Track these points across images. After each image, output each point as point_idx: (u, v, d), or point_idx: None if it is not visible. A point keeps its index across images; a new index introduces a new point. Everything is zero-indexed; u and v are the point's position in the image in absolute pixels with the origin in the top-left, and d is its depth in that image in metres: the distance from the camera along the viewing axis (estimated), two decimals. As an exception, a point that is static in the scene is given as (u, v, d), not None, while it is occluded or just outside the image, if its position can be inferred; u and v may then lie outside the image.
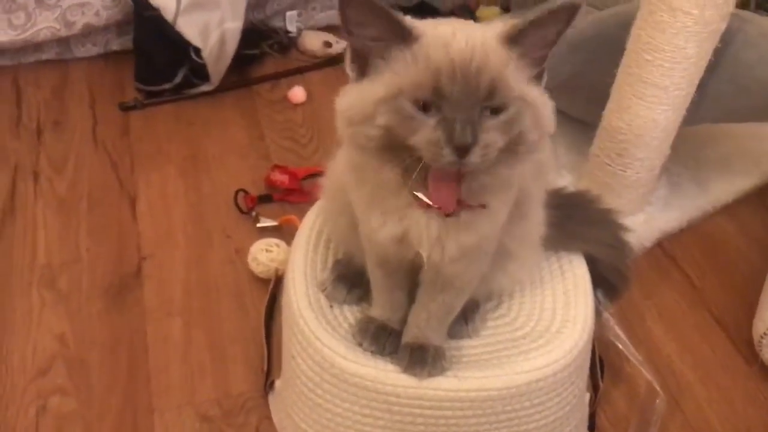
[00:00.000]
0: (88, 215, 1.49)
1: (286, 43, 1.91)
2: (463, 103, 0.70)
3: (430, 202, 0.77)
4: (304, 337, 1.02)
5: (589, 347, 1.10)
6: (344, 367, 0.97)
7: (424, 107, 0.71)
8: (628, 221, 1.46)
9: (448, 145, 0.69)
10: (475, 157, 0.70)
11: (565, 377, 1.02)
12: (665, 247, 1.50)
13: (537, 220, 0.99)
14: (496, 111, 0.72)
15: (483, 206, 0.80)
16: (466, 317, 1.03)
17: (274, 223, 1.46)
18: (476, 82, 0.70)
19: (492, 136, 0.71)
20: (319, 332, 1.00)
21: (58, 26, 1.73)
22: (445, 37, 0.72)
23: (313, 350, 1.00)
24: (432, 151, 0.70)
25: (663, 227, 1.50)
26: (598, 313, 1.14)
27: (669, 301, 1.40)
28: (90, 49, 1.84)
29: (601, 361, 1.23)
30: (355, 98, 0.74)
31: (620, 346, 1.22)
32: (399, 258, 0.87)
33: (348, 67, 0.76)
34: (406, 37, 0.72)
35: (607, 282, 1.18)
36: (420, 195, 0.78)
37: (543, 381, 0.99)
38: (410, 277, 0.94)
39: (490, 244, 0.89)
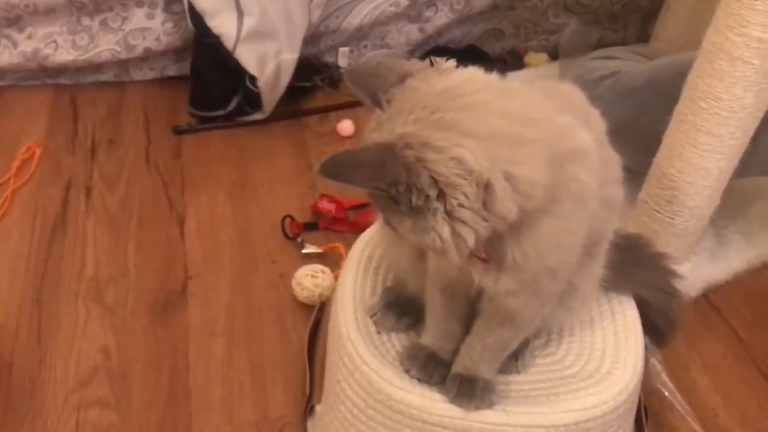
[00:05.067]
0: (138, 232, 1.51)
1: (337, 78, 1.95)
2: None
3: None
4: (351, 360, 1.01)
5: (638, 391, 1.08)
6: (391, 393, 0.97)
7: None
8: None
9: None
10: None
11: (613, 419, 1.00)
12: (710, 299, 1.48)
13: (602, 259, 0.98)
14: None
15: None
16: (516, 352, 1.02)
17: (319, 251, 1.46)
18: None
19: None
20: (366, 357, 1.00)
21: (119, 49, 1.79)
22: None
23: (359, 374, 1.00)
24: None
25: (709, 278, 1.48)
26: (645, 359, 1.13)
27: (714, 353, 1.38)
28: (147, 73, 1.90)
29: (645, 407, 1.20)
30: None
31: (667, 394, 1.20)
32: (461, 283, 0.87)
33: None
34: None
35: (654, 327, 1.17)
36: None
37: (592, 421, 0.98)
38: (469, 307, 0.93)
39: (552, 285, 0.87)
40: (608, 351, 1.06)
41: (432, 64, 0.77)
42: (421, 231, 0.71)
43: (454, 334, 0.96)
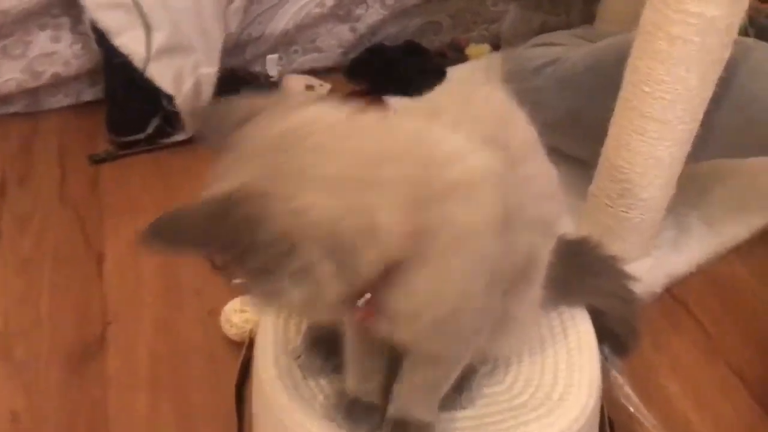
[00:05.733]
0: (52, 276, 1.38)
1: (268, 88, 1.83)
2: None
3: None
4: (272, 412, 0.90)
5: (597, 414, 0.98)
6: (318, 447, 0.86)
7: None
8: (634, 266, 1.36)
9: None
10: None
11: (571, 451, 0.90)
12: (675, 293, 1.38)
13: (540, 282, 0.88)
14: None
15: None
16: (461, 384, 0.91)
17: (251, 280, 1.35)
18: None
19: None
20: (289, 407, 0.88)
21: (24, 77, 1.65)
22: None
23: (283, 428, 0.89)
24: None
25: (672, 271, 1.39)
26: (605, 372, 1.03)
27: (682, 352, 1.28)
28: (61, 100, 1.76)
29: (611, 423, 1.10)
30: None
31: (632, 409, 1.10)
32: None
33: None
34: None
35: (614, 336, 1.07)
36: None
37: (546, 457, 0.88)
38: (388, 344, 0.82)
39: (468, 324, 0.74)
40: (561, 374, 0.96)
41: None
42: (272, 294, 0.60)
43: (372, 371, 0.85)
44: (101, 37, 1.52)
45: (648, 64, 1.14)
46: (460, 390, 0.91)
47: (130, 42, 1.51)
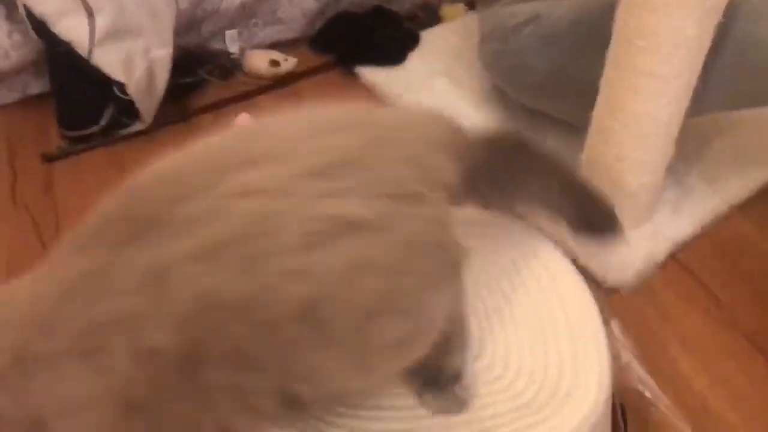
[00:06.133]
0: (7, 288, 1.27)
1: (229, 67, 1.71)
2: None
3: None
4: None
5: (609, 405, 0.89)
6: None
7: None
8: (634, 235, 1.27)
9: None
10: None
11: (582, 449, 0.81)
12: (679, 258, 1.29)
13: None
14: None
15: None
16: (441, 388, 0.82)
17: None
18: None
19: None
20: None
21: (-38, 73, 1.53)
22: None
23: None
24: None
25: (674, 236, 1.29)
26: (615, 354, 0.93)
27: (692, 323, 1.20)
28: (6, 95, 1.63)
29: (622, 408, 1.02)
30: None
31: (648, 394, 1.01)
32: None
33: None
34: None
35: (595, 229, 0.94)
36: None
37: (558, 462, 0.79)
38: None
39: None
40: (566, 364, 0.86)
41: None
42: None
43: None
44: (39, 25, 1.39)
45: (639, 14, 1.03)
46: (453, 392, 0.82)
47: (70, 28, 1.38)
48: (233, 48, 1.72)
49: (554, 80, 1.32)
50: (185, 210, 0.62)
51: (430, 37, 1.78)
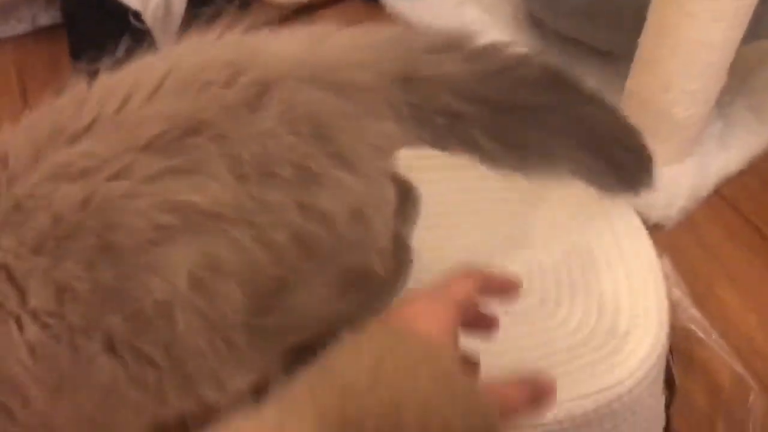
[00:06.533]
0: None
1: (251, -5, 1.62)
2: None
3: None
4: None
5: (668, 344, 0.85)
6: None
7: None
8: (677, 170, 1.21)
9: None
10: None
11: (642, 390, 0.78)
12: (724, 193, 1.24)
13: None
14: None
15: None
16: None
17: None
18: None
19: None
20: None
21: (-32, 3, 1.46)
22: None
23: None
24: None
25: (721, 171, 1.24)
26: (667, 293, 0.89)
27: (740, 261, 1.15)
28: (15, 27, 1.56)
29: (671, 350, 0.98)
30: None
31: (700, 333, 0.98)
32: None
33: None
34: None
35: (627, 173, 0.81)
36: None
37: (617, 402, 0.75)
38: None
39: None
40: (623, 301, 0.83)
41: None
42: None
43: None
44: (49, -52, 1.32)
45: (700, -73, 0.95)
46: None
47: (83, -49, 1.31)
48: (255, -29, 1.64)
49: (595, 6, 1.25)
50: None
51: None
